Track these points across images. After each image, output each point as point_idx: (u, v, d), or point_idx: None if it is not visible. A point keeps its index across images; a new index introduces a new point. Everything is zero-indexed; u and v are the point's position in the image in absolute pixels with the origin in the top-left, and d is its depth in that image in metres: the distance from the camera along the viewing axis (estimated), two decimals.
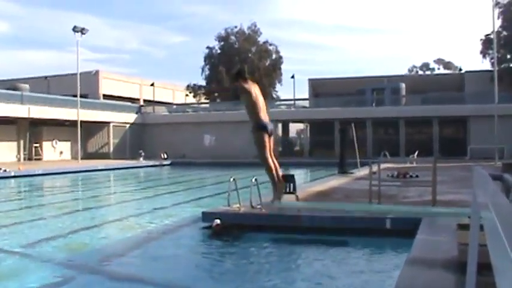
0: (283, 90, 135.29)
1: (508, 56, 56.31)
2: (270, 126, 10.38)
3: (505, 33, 54.94)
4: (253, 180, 12.87)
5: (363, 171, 24.10)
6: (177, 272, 8.96)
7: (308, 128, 54.24)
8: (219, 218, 11.80)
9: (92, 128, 52.42)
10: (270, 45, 66.80)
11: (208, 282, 8.49)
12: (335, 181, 21.97)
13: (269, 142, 10.17)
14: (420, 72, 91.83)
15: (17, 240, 11.93)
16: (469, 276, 2.92)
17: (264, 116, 10.38)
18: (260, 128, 10.11)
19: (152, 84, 69.01)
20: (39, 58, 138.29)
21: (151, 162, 45.91)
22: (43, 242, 11.67)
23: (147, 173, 39.93)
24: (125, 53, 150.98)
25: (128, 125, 55.80)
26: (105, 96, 61.84)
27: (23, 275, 8.80)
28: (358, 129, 30.39)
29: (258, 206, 12.61)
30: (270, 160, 10.19)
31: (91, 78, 60.56)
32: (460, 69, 79.90)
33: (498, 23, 52.38)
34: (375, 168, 15.58)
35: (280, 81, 68.06)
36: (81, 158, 46.01)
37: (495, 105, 34.77)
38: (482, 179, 2.92)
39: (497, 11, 49.00)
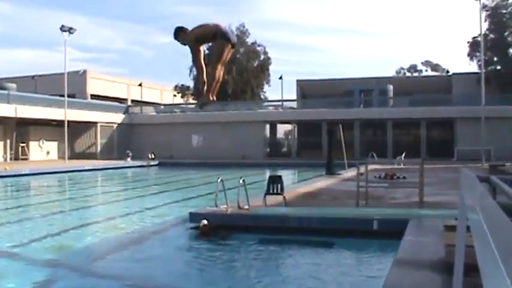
0: (271, 91, 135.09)
1: (495, 59, 56.60)
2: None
3: (492, 36, 55.26)
4: (241, 181, 12.86)
5: (351, 173, 24.17)
6: (162, 272, 8.93)
7: (296, 129, 54.28)
8: (206, 219, 11.78)
9: (79, 128, 52.17)
10: (259, 46, 66.76)
11: (194, 283, 8.48)
12: (323, 182, 22.01)
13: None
14: (408, 74, 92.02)
15: (4, 241, 11.86)
16: (456, 277, 2.93)
17: None
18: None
19: (140, 85, 68.89)
20: (26, 57, 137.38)
21: (138, 163, 45.77)
22: (29, 242, 11.61)
23: (135, 173, 39.82)
24: (112, 52, 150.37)
25: (115, 125, 55.59)
26: (93, 96, 61.60)
27: (11, 276, 8.74)
28: (346, 130, 30.46)
29: (246, 207, 12.61)
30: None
31: (78, 78, 60.29)
32: (448, 72, 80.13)
33: (485, 25, 52.74)
34: (362, 169, 15.63)
35: (268, 82, 68.05)
36: (68, 158, 45.79)
37: (482, 107, 34.97)
38: (470, 181, 2.94)
39: (484, 14, 49.27)
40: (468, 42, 58.33)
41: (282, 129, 58.51)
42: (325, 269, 9.09)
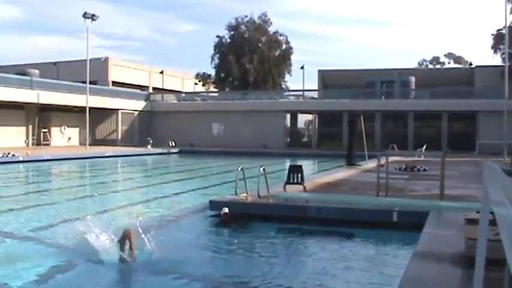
0: (292, 81, 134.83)
1: None
2: None
3: None
4: (261, 170, 12.85)
5: (371, 164, 24.07)
6: (181, 259, 8.95)
7: (316, 119, 54.12)
8: (227, 207, 11.79)
9: (100, 114, 52.43)
10: (280, 35, 66.58)
11: (213, 270, 8.51)
12: (343, 173, 21.96)
13: None
14: (430, 66, 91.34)
15: (26, 225, 11.98)
16: (478, 270, 2.90)
17: None
18: None
19: (161, 72, 69.03)
20: (49, 44, 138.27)
21: (159, 150, 45.93)
22: (48, 226, 11.71)
23: (155, 160, 39.98)
24: (135, 40, 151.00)
25: (136, 112, 55.79)
26: (114, 83, 61.82)
27: (32, 259, 8.83)
28: (367, 121, 30.26)
29: (266, 196, 12.61)
30: None
31: (100, 65, 60.54)
32: (471, 64, 79.41)
33: (510, 18, 52.03)
34: (383, 161, 15.56)
35: (289, 72, 67.96)
36: (89, 144, 46.02)
37: (505, 100, 34.58)
38: (494, 174, 2.90)
39: (509, 5, 48.64)
40: (492, 34, 57.74)
41: (302, 119, 58.35)
42: (343, 260, 9.08)
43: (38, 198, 17.72)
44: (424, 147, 35.30)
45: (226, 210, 11.68)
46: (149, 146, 47.72)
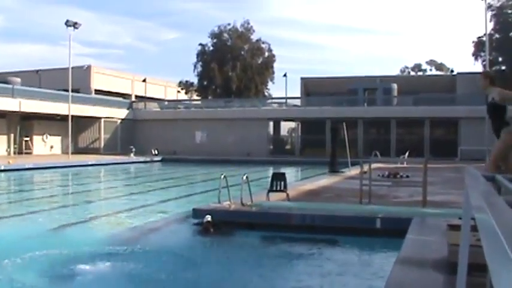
0: (275, 89, 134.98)
1: (500, 59, 56.49)
2: None
3: (497, 35, 55.13)
4: (244, 177, 12.84)
5: (354, 171, 24.13)
6: (162, 268, 8.90)
7: (299, 126, 54.21)
8: (210, 215, 11.76)
9: (83, 122, 52.23)
10: (263, 43, 66.77)
11: (195, 278, 8.46)
12: (326, 180, 21.99)
13: None
14: (412, 73, 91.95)
15: (6, 234, 11.87)
16: (460, 276, 2.91)
17: None
18: None
19: (144, 80, 68.84)
20: (31, 52, 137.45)
21: (142, 158, 45.80)
22: (30, 237, 11.61)
23: (138, 168, 39.85)
24: (117, 48, 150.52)
25: (119, 121, 55.62)
26: (97, 91, 61.65)
27: (15, 273, 8.72)
28: (350, 128, 30.39)
29: (249, 204, 12.59)
30: None
31: (83, 73, 60.37)
32: (452, 71, 79.97)
33: (490, 25, 52.57)
34: (365, 167, 15.60)
35: (272, 80, 68.13)
36: (72, 153, 45.80)
37: (486, 107, 34.81)
38: (475, 180, 2.92)
39: (489, 13, 49.15)
40: (473, 42, 58.29)
41: (285, 126, 58.44)
42: (327, 267, 9.08)
43: (20, 208, 17.58)
44: (407, 153, 35.47)
45: (209, 218, 11.64)
46: (132, 155, 47.52)
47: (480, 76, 11.49)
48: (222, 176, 12.78)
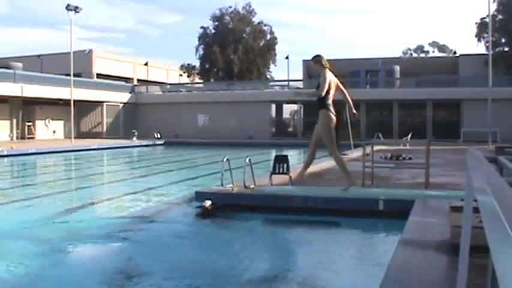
0: (277, 71, 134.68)
1: (503, 40, 56.25)
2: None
3: (500, 17, 54.86)
4: (247, 160, 12.84)
5: (356, 153, 24.11)
6: (165, 251, 8.93)
7: (302, 109, 54.15)
8: (209, 199, 11.75)
9: (85, 107, 52.18)
10: (265, 25, 66.56)
11: (196, 260, 8.48)
12: (328, 162, 21.94)
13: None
14: (414, 55, 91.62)
15: (11, 220, 11.91)
16: (462, 257, 2.92)
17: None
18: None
19: (146, 64, 68.79)
20: (32, 36, 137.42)
21: (144, 142, 45.79)
22: (36, 221, 11.64)
23: (141, 152, 39.86)
24: (119, 32, 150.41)
25: (121, 105, 55.57)
26: (99, 76, 61.57)
27: (18, 256, 8.76)
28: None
29: (251, 186, 12.60)
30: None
31: (84, 57, 60.30)
32: (455, 53, 79.70)
33: (494, 6, 52.30)
34: (368, 150, 15.61)
35: (274, 62, 67.92)
36: (74, 137, 45.75)
37: (489, 88, 34.78)
38: (477, 161, 2.92)
39: None
40: (476, 23, 58.01)
41: (288, 109, 58.34)
42: (330, 249, 9.11)
43: (24, 192, 17.64)
44: (409, 135, 35.42)
45: (209, 202, 11.63)
46: (134, 138, 47.53)
47: (312, 62, 13.55)
48: (225, 159, 12.77)
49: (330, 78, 11.96)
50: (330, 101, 11.90)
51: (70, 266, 8.42)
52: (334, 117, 11.83)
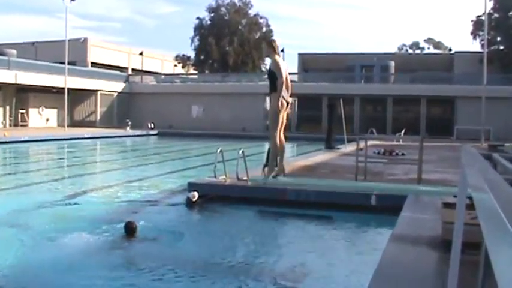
0: None
1: (499, 38, 56.40)
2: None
3: (496, 15, 54.99)
4: (240, 152, 12.81)
5: (350, 148, 24.13)
6: (156, 241, 8.91)
7: (296, 102, 54.12)
8: (196, 191, 11.72)
9: (79, 95, 51.99)
10: (261, 18, 66.57)
11: (187, 252, 8.47)
12: (321, 156, 21.99)
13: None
14: (410, 51, 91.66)
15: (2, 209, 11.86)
16: (454, 253, 2.91)
17: None
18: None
19: (141, 54, 68.61)
20: (27, 23, 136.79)
21: (138, 132, 45.71)
22: (26, 210, 11.61)
23: (134, 142, 39.81)
24: (114, 21, 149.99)
25: (115, 94, 55.43)
26: (93, 64, 61.38)
27: (11, 246, 8.71)
28: (346, 105, 30.27)
29: (244, 178, 12.57)
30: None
31: (79, 46, 60.06)
32: (450, 50, 79.82)
33: (490, 4, 52.41)
34: (361, 144, 15.61)
35: None
36: (68, 126, 45.67)
37: (483, 86, 34.84)
38: (472, 157, 2.90)
39: None
40: (472, 20, 58.18)
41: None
42: (321, 242, 9.11)
43: (16, 180, 17.58)
44: (403, 131, 35.44)
45: (195, 194, 11.61)
46: (128, 128, 47.43)
47: (264, 43, 14.12)
48: (218, 151, 12.73)
49: (281, 63, 12.01)
50: (281, 86, 11.83)
51: (60, 250, 8.38)
52: (284, 102, 11.88)
